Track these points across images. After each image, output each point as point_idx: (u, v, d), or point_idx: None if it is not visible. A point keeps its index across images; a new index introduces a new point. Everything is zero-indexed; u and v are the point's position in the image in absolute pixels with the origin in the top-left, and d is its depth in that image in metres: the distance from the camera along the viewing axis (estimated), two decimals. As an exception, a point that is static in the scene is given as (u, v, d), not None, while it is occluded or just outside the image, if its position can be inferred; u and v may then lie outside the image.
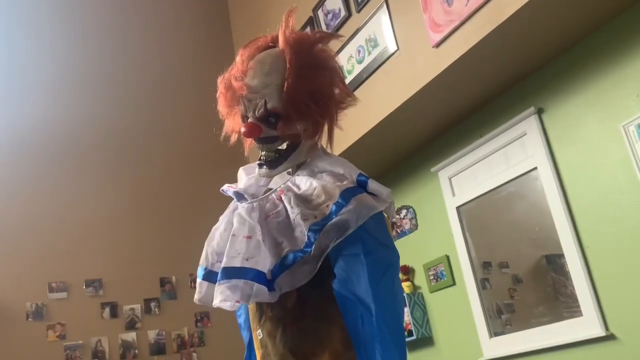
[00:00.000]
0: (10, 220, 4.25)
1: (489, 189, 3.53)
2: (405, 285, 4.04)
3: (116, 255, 4.46)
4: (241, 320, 1.55)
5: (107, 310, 4.35)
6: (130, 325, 4.38)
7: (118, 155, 4.76)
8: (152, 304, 4.49)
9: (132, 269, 4.47)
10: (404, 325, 4.02)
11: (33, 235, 4.27)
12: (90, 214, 4.49)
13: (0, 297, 4.07)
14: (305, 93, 1.35)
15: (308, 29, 4.07)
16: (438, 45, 3.05)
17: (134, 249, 4.53)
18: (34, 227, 4.30)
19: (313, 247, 1.24)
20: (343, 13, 3.82)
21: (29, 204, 4.34)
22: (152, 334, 4.41)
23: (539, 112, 3.20)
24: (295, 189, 1.36)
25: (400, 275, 4.06)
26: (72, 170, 4.57)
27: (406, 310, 3.98)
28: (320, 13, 4.03)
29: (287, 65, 1.35)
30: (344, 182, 1.32)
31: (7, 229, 4.22)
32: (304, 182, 1.36)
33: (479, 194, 3.59)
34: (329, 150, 1.49)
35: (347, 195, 1.28)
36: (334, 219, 1.25)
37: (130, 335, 4.35)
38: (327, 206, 1.28)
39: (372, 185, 1.34)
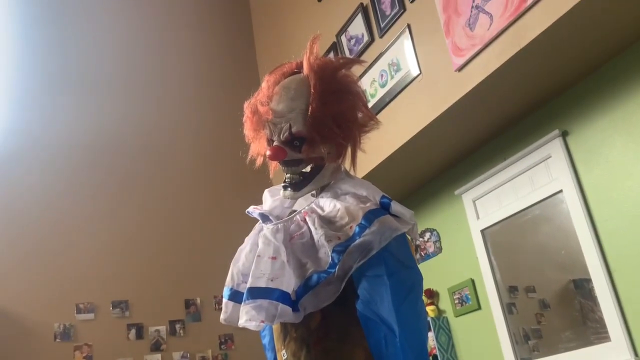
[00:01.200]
0: (38, 241, 4.33)
1: (514, 212, 3.51)
2: (430, 309, 4.01)
3: (142, 277, 4.51)
4: (266, 341, 1.57)
5: (133, 331, 4.39)
6: (156, 347, 4.41)
7: (144, 174, 4.84)
8: (177, 326, 4.52)
9: (158, 290, 4.52)
10: (429, 349, 3.99)
11: (61, 256, 4.35)
12: (117, 235, 4.55)
13: (28, 318, 4.15)
14: (329, 117, 1.38)
15: (331, 55, 4.14)
16: (460, 69, 3.07)
17: (159, 271, 4.58)
18: (63, 248, 4.37)
19: (337, 268, 1.26)
20: (366, 38, 3.87)
21: (56, 225, 4.42)
22: (176, 356, 4.43)
23: (564, 134, 3.19)
24: (319, 210, 1.38)
25: (425, 299, 4.04)
26: (100, 191, 4.65)
27: (431, 334, 3.94)
28: (343, 38, 4.09)
29: (312, 91, 1.39)
30: (367, 204, 1.34)
31: (35, 250, 4.30)
32: (328, 204, 1.39)
33: (504, 217, 3.57)
34: (352, 172, 1.52)
35: (370, 217, 1.30)
36: (357, 240, 1.27)
37: (156, 357, 4.37)
38: (351, 228, 1.30)
39: (395, 207, 1.35)
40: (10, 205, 4.36)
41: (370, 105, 3.70)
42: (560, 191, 3.21)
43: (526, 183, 3.44)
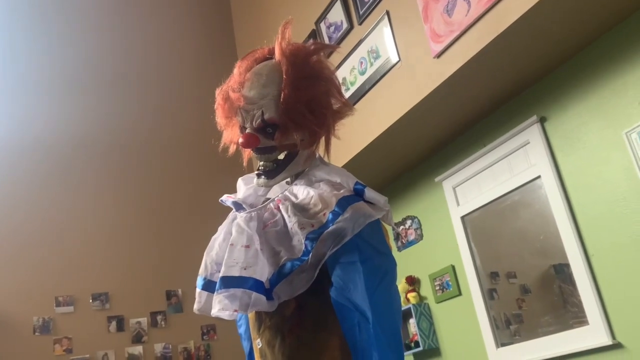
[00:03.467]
0: (16, 234, 4.28)
1: (493, 198, 3.53)
2: (412, 296, 4.03)
3: (122, 269, 4.48)
4: (242, 330, 1.56)
5: (114, 323, 4.36)
6: (137, 339, 4.39)
7: (121, 168, 4.80)
8: (159, 317, 4.50)
9: (138, 282, 4.49)
10: (411, 336, 4.01)
11: (40, 248, 4.30)
12: (96, 228, 4.51)
13: (7, 311, 4.09)
14: (301, 103, 1.36)
15: (310, 42, 4.10)
16: (439, 55, 3.06)
17: (139, 262, 4.55)
18: (41, 240, 4.33)
19: (310, 255, 1.25)
20: (345, 25, 3.85)
21: (35, 218, 4.38)
22: (158, 348, 4.41)
23: (542, 120, 3.20)
24: (292, 198, 1.37)
25: (406, 286, 4.05)
26: (77, 183, 4.60)
27: (412, 321, 3.97)
28: (322, 26, 4.06)
29: (284, 76, 1.37)
30: (341, 191, 1.33)
31: (13, 243, 4.25)
32: (302, 191, 1.37)
33: (484, 203, 3.59)
34: (326, 159, 1.50)
35: (343, 203, 1.28)
36: (331, 227, 1.26)
37: (137, 349, 4.35)
38: (324, 215, 1.28)
39: (369, 193, 1.34)
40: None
41: (350, 93, 3.69)
42: (539, 177, 3.23)
43: (505, 169, 3.46)
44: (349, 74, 3.75)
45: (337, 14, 3.92)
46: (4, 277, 4.15)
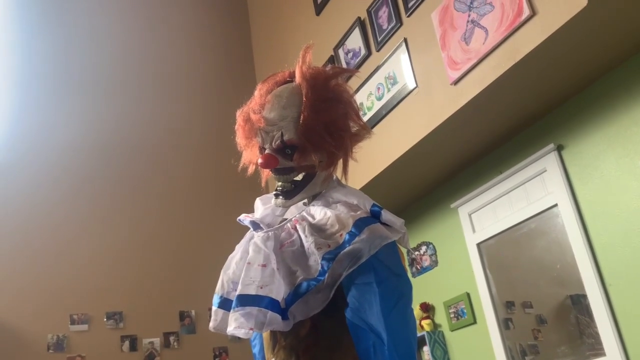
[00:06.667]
0: (33, 251, 4.31)
1: (510, 225, 3.51)
2: (426, 323, 3.99)
3: (137, 288, 4.50)
4: (255, 350, 1.56)
5: (127, 343, 4.37)
6: (149, 359, 4.38)
7: (138, 186, 4.83)
8: (171, 338, 4.49)
9: (152, 301, 4.50)
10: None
11: (55, 266, 4.33)
12: (112, 246, 4.54)
13: (21, 328, 4.12)
14: (320, 125, 1.38)
15: (330, 66, 4.15)
16: (456, 82, 3.09)
17: (154, 282, 4.56)
18: (57, 258, 4.36)
19: (326, 276, 1.26)
20: (363, 52, 3.90)
21: (51, 234, 4.41)
22: (170, 369, 4.40)
23: (559, 148, 3.20)
24: (309, 218, 1.38)
25: (421, 313, 4.02)
26: (93, 201, 4.63)
27: (426, 349, 3.92)
28: (340, 52, 4.12)
29: (304, 99, 1.40)
30: (358, 212, 1.34)
31: (29, 259, 4.28)
32: (319, 212, 1.39)
33: (500, 230, 3.57)
34: (343, 181, 1.52)
35: (360, 224, 1.30)
36: (347, 248, 1.27)
37: (149, 369, 4.35)
38: (341, 235, 1.30)
39: (386, 215, 1.35)
40: (5, 214, 4.35)
41: (366, 118, 3.72)
42: (556, 205, 3.22)
43: (522, 197, 3.45)
44: (366, 99, 3.79)
45: (355, 41, 3.98)
46: (20, 293, 4.18)
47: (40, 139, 4.67)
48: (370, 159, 3.59)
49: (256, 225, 1.46)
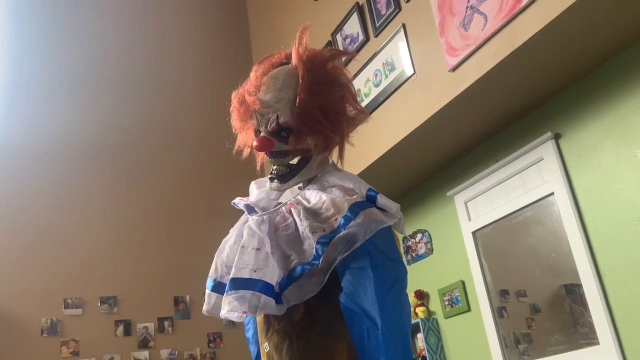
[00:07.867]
0: (27, 235, 4.30)
1: (505, 213, 3.50)
2: (420, 311, 4.00)
3: (131, 273, 4.49)
4: (249, 334, 1.55)
5: (121, 327, 4.37)
6: (144, 344, 4.38)
7: (132, 171, 4.82)
8: (166, 323, 4.50)
9: (147, 287, 4.49)
10: (418, 350, 3.98)
11: (49, 250, 4.32)
12: (106, 231, 4.53)
13: (15, 311, 4.11)
14: (316, 108, 1.36)
15: (327, 48, 4.12)
16: (454, 69, 3.06)
17: (149, 267, 4.55)
18: (51, 242, 4.35)
19: (321, 260, 1.25)
20: (361, 37, 3.87)
21: (45, 219, 4.40)
22: (164, 353, 4.41)
23: (556, 137, 3.19)
24: (305, 202, 1.37)
25: (415, 300, 4.02)
26: (88, 186, 4.62)
27: (420, 336, 3.93)
28: (338, 37, 4.08)
29: (300, 81, 1.38)
30: (354, 197, 1.33)
31: (23, 244, 4.27)
32: (314, 196, 1.37)
33: (495, 218, 3.56)
34: (339, 165, 1.50)
35: (355, 209, 1.28)
36: (342, 232, 1.25)
37: (143, 354, 4.35)
38: (336, 219, 1.28)
39: (382, 200, 1.34)
40: (0, 200, 4.33)
41: (364, 104, 3.70)
42: (552, 194, 3.21)
43: (518, 185, 3.44)
44: (363, 85, 3.76)
45: (353, 26, 3.95)
46: (14, 277, 4.17)
47: (37, 124, 4.64)
48: (366, 146, 3.58)
49: (251, 209, 1.44)
